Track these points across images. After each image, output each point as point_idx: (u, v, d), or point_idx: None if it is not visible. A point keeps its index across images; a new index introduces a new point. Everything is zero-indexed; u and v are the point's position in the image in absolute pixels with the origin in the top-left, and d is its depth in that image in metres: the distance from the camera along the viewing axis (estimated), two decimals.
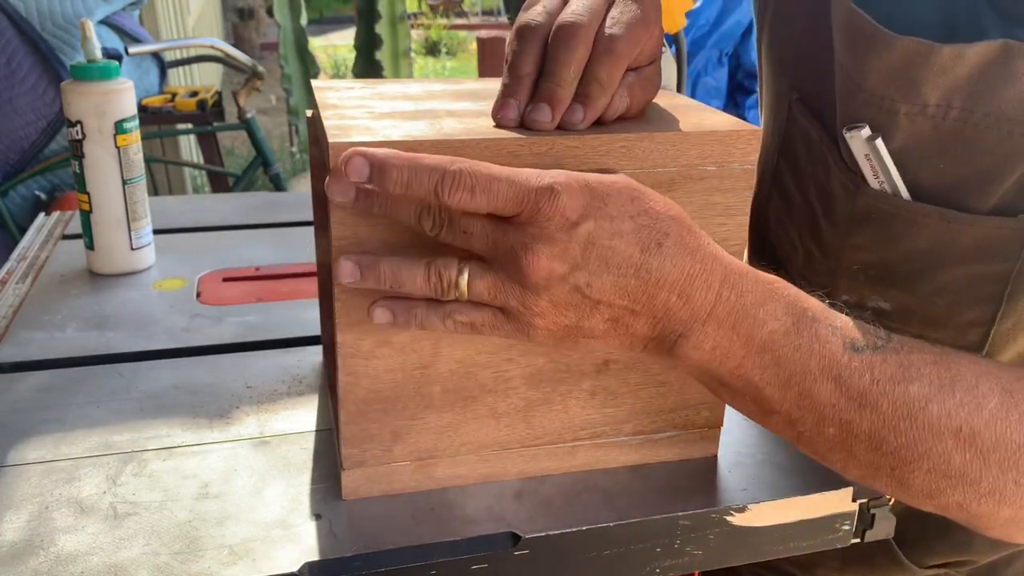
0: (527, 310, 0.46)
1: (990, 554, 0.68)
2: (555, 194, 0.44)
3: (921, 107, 0.52)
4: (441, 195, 0.44)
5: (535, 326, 0.47)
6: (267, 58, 6.93)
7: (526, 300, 0.46)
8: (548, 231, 0.44)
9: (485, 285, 0.46)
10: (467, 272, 0.46)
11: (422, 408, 0.54)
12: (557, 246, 0.44)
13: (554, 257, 0.44)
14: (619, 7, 0.52)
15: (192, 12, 4.55)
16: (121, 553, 0.50)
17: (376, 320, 0.49)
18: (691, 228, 0.47)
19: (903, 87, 0.52)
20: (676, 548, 0.55)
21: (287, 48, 3.40)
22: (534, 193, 0.44)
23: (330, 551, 0.51)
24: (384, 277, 0.48)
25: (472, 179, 0.44)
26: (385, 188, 0.45)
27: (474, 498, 0.56)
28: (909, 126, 0.54)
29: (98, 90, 0.85)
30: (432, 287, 0.47)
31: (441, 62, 7.99)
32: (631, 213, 0.46)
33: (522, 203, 0.44)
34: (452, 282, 0.46)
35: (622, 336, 0.48)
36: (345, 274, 0.48)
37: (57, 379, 0.69)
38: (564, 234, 0.44)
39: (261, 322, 0.80)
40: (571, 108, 0.51)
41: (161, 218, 1.03)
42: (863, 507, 0.58)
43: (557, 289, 0.45)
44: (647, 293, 0.46)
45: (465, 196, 0.44)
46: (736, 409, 0.52)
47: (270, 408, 0.66)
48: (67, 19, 2.25)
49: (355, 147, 0.45)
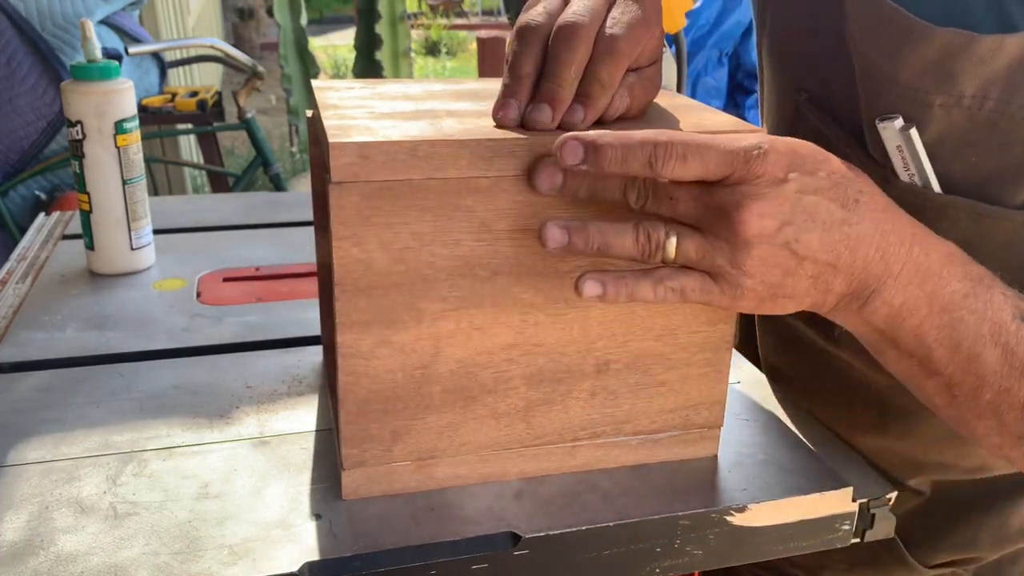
0: (736, 269, 0.47)
1: (996, 551, 0.68)
2: (763, 153, 0.46)
3: (957, 98, 0.52)
4: (655, 167, 0.46)
5: (743, 286, 0.48)
6: (267, 58, 6.93)
7: (736, 258, 0.47)
8: (758, 188, 0.46)
9: (694, 245, 0.47)
10: (675, 234, 0.47)
11: (422, 408, 0.54)
12: (767, 202, 0.46)
13: (765, 214, 0.46)
14: (620, 7, 0.52)
15: (192, 12, 4.54)
16: (121, 553, 0.50)
17: (586, 293, 0.49)
18: (876, 187, 0.49)
19: (939, 78, 0.52)
20: (676, 548, 0.55)
21: (287, 48, 3.40)
22: (743, 153, 0.46)
23: (330, 551, 0.51)
24: (592, 240, 0.48)
25: (683, 148, 0.46)
26: (600, 167, 0.47)
27: (474, 498, 0.56)
28: (944, 118, 0.53)
29: (98, 90, 0.85)
30: (640, 248, 0.48)
31: (441, 62, 7.99)
32: (827, 171, 0.47)
33: (732, 164, 0.46)
34: (660, 243, 0.48)
35: (820, 294, 0.49)
36: (553, 239, 0.49)
37: (57, 379, 0.69)
38: (773, 190, 0.46)
39: (261, 322, 0.79)
40: (572, 108, 0.51)
41: (161, 218, 1.03)
42: (863, 507, 0.58)
43: (766, 246, 0.46)
44: (849, 248, 0.47)
45: (678, 165, 0.46)
46: (893, 369, 0.53)
47: (270, 408, 0.66)
48: (67, 19, 2.25)
49: (569, 134, 0.47)
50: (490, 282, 0.52)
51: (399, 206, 0.49)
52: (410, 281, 0.51)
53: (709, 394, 0.59)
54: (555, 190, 0.49)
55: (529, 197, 0.51)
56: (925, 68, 0.53)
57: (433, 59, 8.10)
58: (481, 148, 0.49)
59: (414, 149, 0.48)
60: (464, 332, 0.53)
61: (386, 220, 0.49)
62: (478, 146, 0.49)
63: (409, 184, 0.49)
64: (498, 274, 0.52)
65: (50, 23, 2.23)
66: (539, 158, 0.49)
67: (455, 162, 0.49)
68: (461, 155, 0.49)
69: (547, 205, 0.51)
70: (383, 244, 0.50)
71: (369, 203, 0.48)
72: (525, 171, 0.50)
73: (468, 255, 0.51)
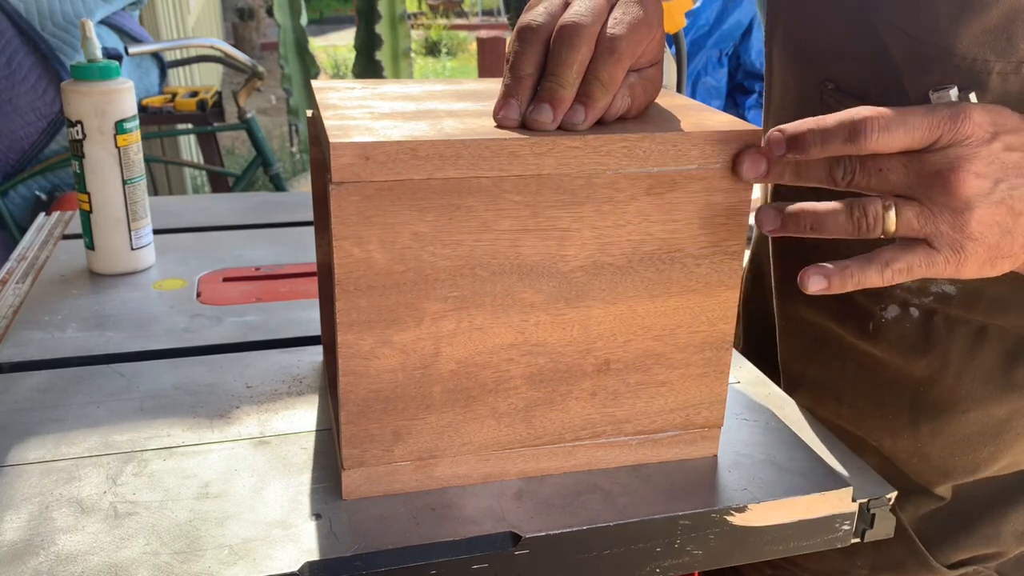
0: (959, 233, 0.48)
1: (1018, 546, 0.68)
2: (968, 113, 0.47)
3: (1016, 64, 0.53)
4: (859, 141, 0.47)
5: (966, 251, 0.48)
6: (267, 58, 6.93)
7: (956, 221, 0.48)
8: (970, 148, 0.47)
9: (914, 212, 0.48)
10: (892, 205, 0.48)
11: (422, 408, 0.54)
12: (980, 161, 0.47)
13: (980, 173, 0.47)
14: (621, 8, 0.52)
15: (192, 12, 4.54)
16: (121, 553, 0.50)
17: (810, 289, 0.51)
18: None
19: (999, 45, 0.53)
20: (676, 548, 0.55)
21: (287, 48, 3.40)
22: (948, 116, 0.47)
23: (330, 551, 0.51)
24: (804, 221, 0.50)
25: (884, 119, 0.47)
26: (805, 152, 0.48)
27: (474, 498, 0.56)
28: (1000, 86, 0.54)
29: (98, 90, 0.85)
30: (855, 224, 0.49)
31: (441, 62, 7.99)
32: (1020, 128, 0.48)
33: (938, 128, 0.47)
34: (878, 216, 0.48)
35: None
36: (768, 222, 0.51)
37: (57, 379, 0.69)
38: (984, 149, 0.47)
39: (261, 322, 0.80)
40: (573, 108, 0.51)
41: (161, 218, 1.03)
42: (863, 507, 0.58)
43: (984, 205, 0.47)
44: None
45: (883, 136, 0.47)
46: None
47: (270, 408, 0.66)
48: (67, 19, 2.25)
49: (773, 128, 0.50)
50: (490, 282, 0.52)
51: (400, 206, 0.49)
52: (410, 281, 0.51)
53: (709, 394, 0.59)
54: (760, 178, 0.51)
55: (529, 197, 0.51)
56: (985, 36, 0.53)
57: (433, 59, 8.10)
58: (482, 148, 0.49)
59: (415, 149, 0.48)
60: (464, 332, 0.53)
61: (387, 220, 0.49)
62: (478, 146, 0.49)
63: (410, 184, 0.49)
64: (498, 274, 0.52)
65: (50, 23, 2.23)
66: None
67: (455, 162, 0.49)
68: (461, 155, 0.49)
69: (548, 205, 0.51)
70: (384, 244, 0.50)
71: (370, 203, 0.48)
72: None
73: (468, 255, 0.51)
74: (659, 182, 0.52)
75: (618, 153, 0.51)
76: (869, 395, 0.68)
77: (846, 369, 0.69)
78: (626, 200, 0.52)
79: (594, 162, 0.51)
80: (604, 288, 0.54)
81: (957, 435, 0.65)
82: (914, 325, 0.64)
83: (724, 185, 0.53)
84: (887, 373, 0.66)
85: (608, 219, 0.52)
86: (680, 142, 0.52)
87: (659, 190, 0.53)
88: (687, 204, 0.53)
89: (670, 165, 0.52)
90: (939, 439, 0.66)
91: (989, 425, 0.64)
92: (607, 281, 0.54)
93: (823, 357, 0.71)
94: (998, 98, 0.54)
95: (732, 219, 0.54)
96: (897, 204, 0.48)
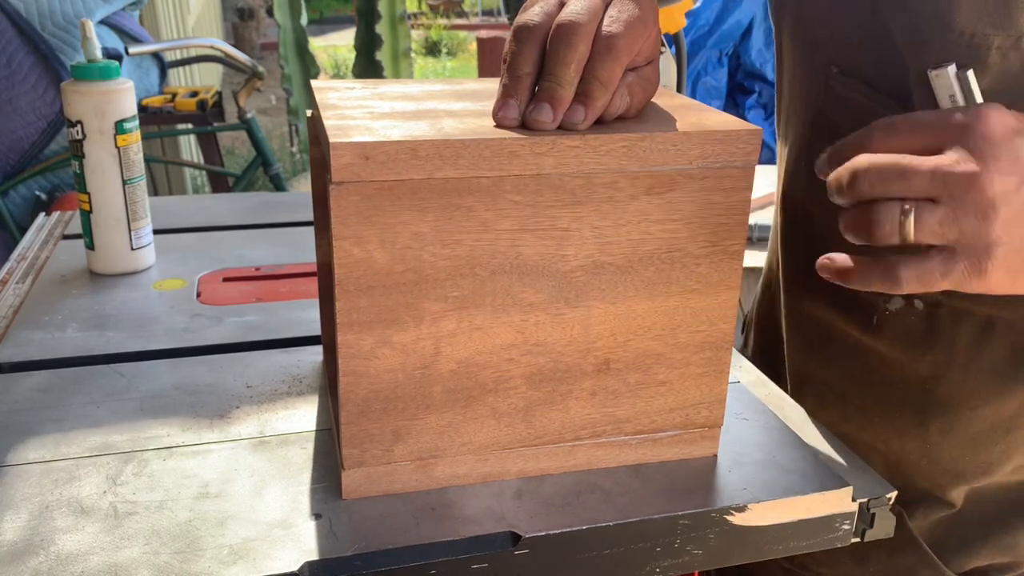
0: (983, 236, 0.46)
1: None
2: (987, 113, 0.46)
3: (1015, 38, 0.53)
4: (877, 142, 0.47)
5: (991, 255, 0.46)
6: (267, 58, 6.93)
7: (980, 225, 0.46)
8: (992, 148, 0.46)
9: (936, 218, 0.46)
10: (912, 210, 0.46)
11: (422, 408, 0.54)
12: (1003, 160, 0.46)
13: (1004, 171, 0.45)
14: (617, 7, 0.52)
15: (192, 12, 4.55)
16: (121, 553, 0.50)
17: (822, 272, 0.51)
18: None
19: (997, 18, 0.53)
20: (676, 548, 0.55)
21: (287, 48, 3.40)
22: (971, 115, 0.46)
23: (330, 551, 0.51)
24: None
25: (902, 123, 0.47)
26: (857, 194, 0.47)
27: (474, 498, 0.56)
28: (999, 62, 0.54)
29: (98, 90, 0.85)
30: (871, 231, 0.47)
31: (441, 62, 7.99)
32: None
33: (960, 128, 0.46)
34: (896, 223, 0.46)
35: None
36: None
37: (57, 379, 0.69)
38: (1006, 148, 0.46)
39: (261, 322, 0.79)
40: (572, 108, 0.50)
41: (161, 218, 1.03)
42: (863, 507, 0.58)
43: (1008, 206, 0.46)
44: None
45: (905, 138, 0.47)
46: None
47: (270, 408, 0.66)
48: (67, 19, 2.25)
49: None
50: (490, 282, 0.52)
51: (399, 206, 0.49)
52: (410, 281, 0.51)
53: (709, 393, 0.59)
54: None
55: (529, 197, 0.51)
56: (983, 10, 0.53)
57: (433, 59, 8.10)
58: (481, 148, 0.49)
59: (415, 149, 0.48)
60: (464, 332, 0.53)
61: (386, 220, 0.49)
62: (478, 146, 0.49)
63: (409, 184, 0.49)
64: (498, 274, 0.52)
65: (50, 23, 2.23)
66: None
67: (455, 162, 0.49)
68: (461, 155, 0.49)
69: (548, 205, 0.51)
70: (383, 244, 0.50)
71: (370, 203, 0.48)
72: (527, 171, 0.50)
73: (468, 255, 0.51)
74: (659, 182, 0.52)
75: (618, 153, 0.51)
76: (875, 394, 0.68)
77: (852, 367, 0.69)
78: (626, 200, 0.52)
79: (594, 162, 0.51)
80: (604, 288, 0.54)
81: (967, 433, 0.64)
82: (919, 318, 0.63)
83: (724, 185, 0.53)
84: (893, 371, 0.66)
85: (608, 219, 0.52)
86: (680, 142, 0.52)
87: (659, 190, 0.53)
88: (687, 204, 0.53)
89: (670, 165, 0.52)
90: (948, 438, 0.65)
91: (999, 422, 0.63)
92: (607, 281, 0.54)
93: (829, 355, 0.71)
94: (998, 75, 0.54)
95: (732, 219, 0.54)
96: (917, 207, 0.46)
